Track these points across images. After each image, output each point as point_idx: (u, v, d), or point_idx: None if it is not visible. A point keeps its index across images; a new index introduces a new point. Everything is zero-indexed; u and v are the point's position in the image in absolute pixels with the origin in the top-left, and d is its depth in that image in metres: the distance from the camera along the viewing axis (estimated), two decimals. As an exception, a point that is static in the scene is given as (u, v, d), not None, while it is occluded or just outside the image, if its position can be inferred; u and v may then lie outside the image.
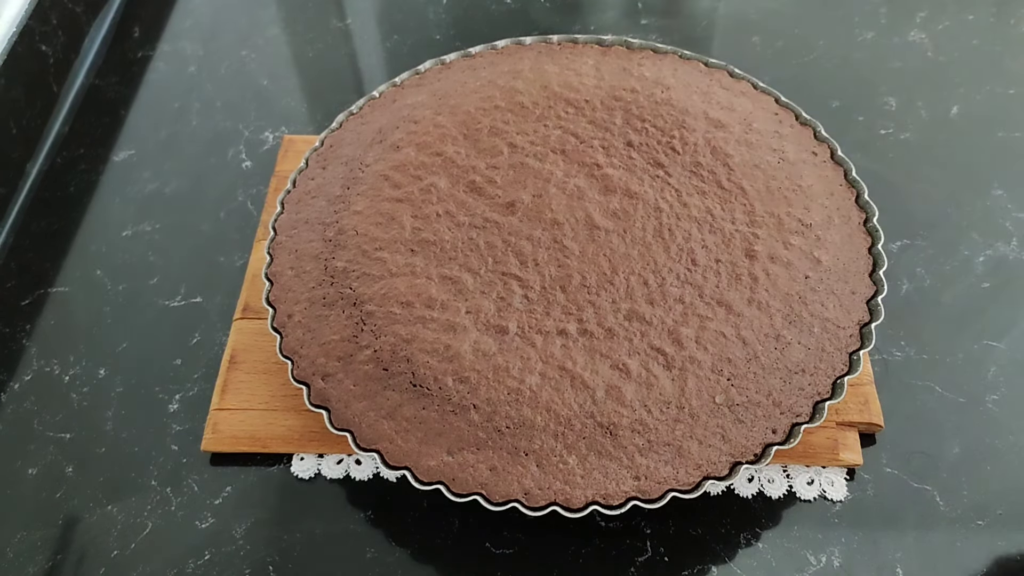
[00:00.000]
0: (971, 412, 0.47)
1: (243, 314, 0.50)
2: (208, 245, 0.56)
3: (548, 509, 0.40)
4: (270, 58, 0.69)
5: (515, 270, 0.45)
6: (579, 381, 0.41)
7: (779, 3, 0.72)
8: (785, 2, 0.72)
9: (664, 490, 0.40)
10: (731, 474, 0.41)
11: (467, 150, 0.51)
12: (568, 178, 0.49)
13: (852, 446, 0.45)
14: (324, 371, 0.44)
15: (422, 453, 0.41)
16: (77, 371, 0.50)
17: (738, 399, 0.42)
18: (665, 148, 0.50)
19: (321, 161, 0.53)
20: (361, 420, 0.42)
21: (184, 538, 0.44)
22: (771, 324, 0.43)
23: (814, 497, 0.44)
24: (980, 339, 0.50)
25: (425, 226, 0.47)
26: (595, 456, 0.40)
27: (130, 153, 0.62)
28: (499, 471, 0.40)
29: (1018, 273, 0.53)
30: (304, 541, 0.43)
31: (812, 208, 0.48)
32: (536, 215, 0.48)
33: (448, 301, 0.44)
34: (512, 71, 0.55)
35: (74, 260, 0.56)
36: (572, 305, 0.44)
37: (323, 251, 0.48)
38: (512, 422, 0.41)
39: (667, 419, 0.41)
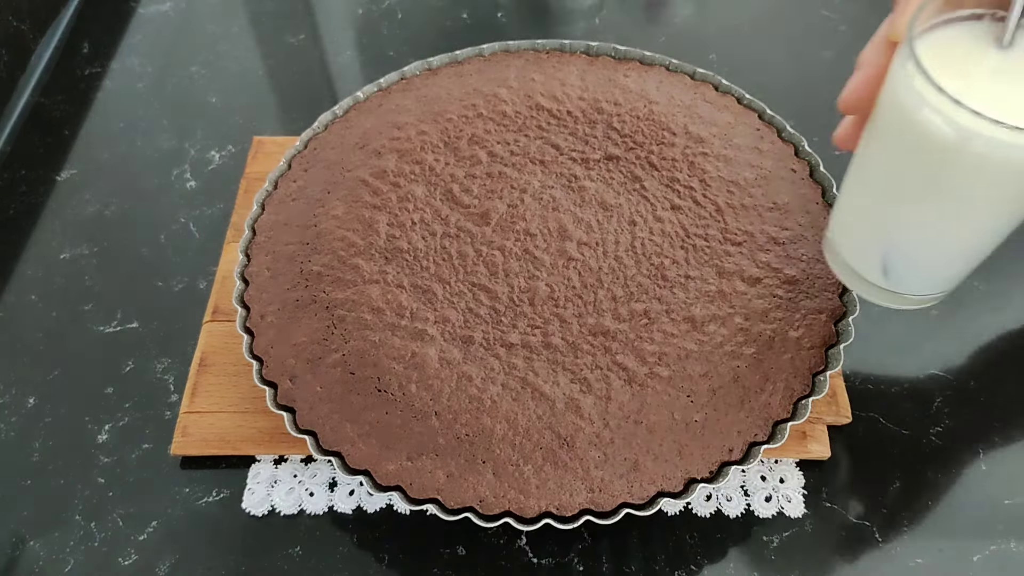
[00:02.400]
0: (914, 445, 0.46)
1: (213, 317, 0.50)
2: (147, 269, 0.55)
3: (501, 520, 0.40)
4: (220, 75, 0.68)
5: (485, 281, 0.46)
6: (539, 393, 0.42)
7: (738, 20, 0.71)
8: (744, 19, 0.71)
9: (617, 503, 0.40)
10: (686, 491, 0.41)
11: (447, 158, 0.51)
12: (545, 189, 0.50)
13: (820, 438, 0.45)
14: (292, 372, 0.44)
15: (382, 457, 0.41)
16: (6, 400, 0.49)
17: (697, 416, 0.42)
18: (643, 163, 0.51)
19: (304, 164, 0.53)
20: (325, 422, 0.42)
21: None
22: (735, 342, 0.44)
23: (772, 515, 0.44)
24: (927, 368, 0.49)
25: (400, 234, 0.48)
26: (551, 467, 0.41)
27: (72, 173, 0.61)
28: (456, 477, 0.41)
29: (968, 301, 0.52)
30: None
31: (787, 225, 0.48)
32: (510, 225, 0.48)
33: (417, 310, 0.45)
34: (498, 79, 0.55)
35: (11, 285, 0.55)
36: (539, 318, 0.45)
37: (299, 254, 0.48)
38: (471, 430, 0.41)
39: (624, 433, 0.41)
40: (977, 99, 0.31)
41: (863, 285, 0.41)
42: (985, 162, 0.31)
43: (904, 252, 0.38)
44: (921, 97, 0.31)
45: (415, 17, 0.72)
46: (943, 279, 0.40)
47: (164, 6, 0.74)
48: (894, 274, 0.39)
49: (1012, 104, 0.32)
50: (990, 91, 0.32)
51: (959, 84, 0.31)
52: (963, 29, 0.34)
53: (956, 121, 0.30)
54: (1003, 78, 0.33)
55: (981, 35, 0.33)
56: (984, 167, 0.32)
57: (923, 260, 0.39)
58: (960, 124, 0.30)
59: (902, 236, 0.38)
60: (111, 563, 0.43)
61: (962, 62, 0.33)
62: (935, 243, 0.37)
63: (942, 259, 0.39)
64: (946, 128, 0.31)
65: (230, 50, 0.70)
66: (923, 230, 0.37)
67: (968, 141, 0.31)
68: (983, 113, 0.29)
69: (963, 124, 0.30)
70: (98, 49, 0.70)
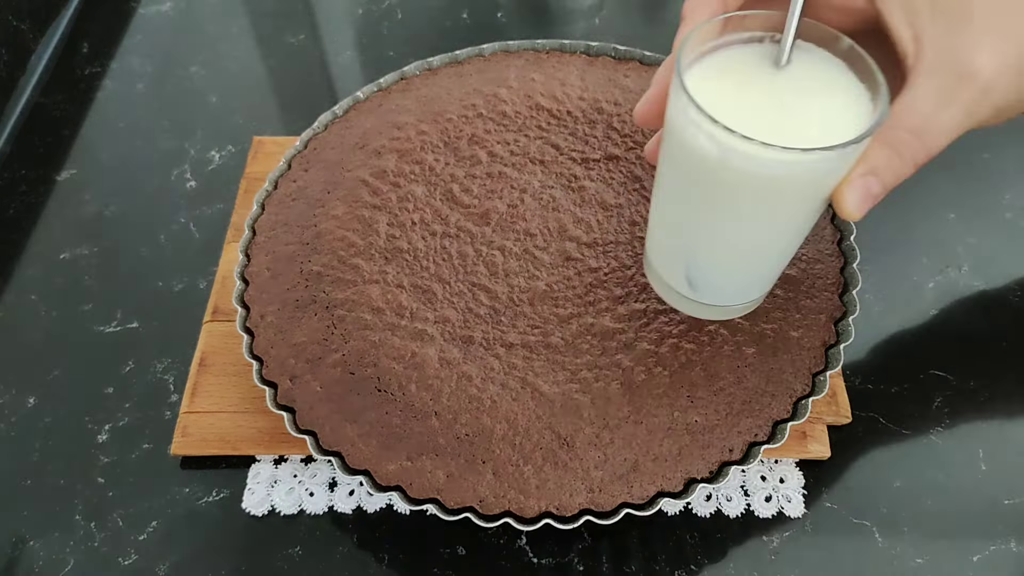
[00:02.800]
0: (914, 444, 0.46)
1: (213, 317, 0.50)
2: (147, 269, 0.55)
3: (501, 520, 0.40)
4: (220, 75, 0.68)
5: (485, 280, 0.46)
6: (539, 393, 0.42)
7: (738, 20, 0.71)
8: (744, 19, 0.71)
9: (617, 503, 0.40)
10: (686, 491, 0.41)
11: (447, 158, 0.52)
12: (545, 189, 0.50)
13: (820, 438, 0.45)
14: (292, 372, 0.44)
15: (382, 457, 0.41)
16: (6, 400, 0.49)
17: (697, 416, 0.42)
18: (643, 163, 0.51)
19: (304, 164, 0.53)
20: (325, 423, 0.42)
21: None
22: (735, 342, 0.44)
23: (772, 515, 0.44)
24: (926, 368, 0.49)
25: (400, 234, 0.48)
26: (551, 467, 0.41)
27: (72, 173, 0.61)
28: (455, 477, 0.41)
29: (968, 300, 0.52)
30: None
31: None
32: (510, 225, 0.48)
33: (417, 310, 0.45)
34: (498, 79, 0.55)
35: (10, 285, 0.55)
36: (538, 317, 0.45)
37: (299, 254, 0.48)
38: (471, 430, 0.41)
39: (624, 433, 0.41)
40: (751, 117, 0.33)
41: (677, 298, 0.43)
42: (745, 176, 0.33)
43: (701, 264, 0.40)
44: (687, 115, 0.33)
45: (415, 17, 0.72)
46: (746, 287, 0.42)
47: (164, 6, 0.74)
48: (698, 285, 0.41)
49: (781, 121, 0.33)
50: (765, 108, 0.34)
51: (736, 103, 0.34)
52: (746, 50, 0.36)
53: (715, 138, 0.32)
54: (776, 96, 0.34)
55: (762, 56, 0.35)
56: (745, 181, 0.33)
57: (720, 271, 0.40)
58: (719, 141, 0.32)
59: (697, 249, 0.39)
60: (111, 563, 0.43)
61: (741, 81, 0.35)
62: (726, 254, 0.39)
63: (737, 269, 0.40)
64: (708, 145, 0.33)
65: (230, 50, 0.70)
66: (712, 242, 0.38)
67: (727, 157, 0.32)
68: (736, 130, 0.31)
69: (721, 141, 0.32)
70: (98, 49, 0.70)
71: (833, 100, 0.34)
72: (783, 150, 0.31)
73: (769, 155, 0.31)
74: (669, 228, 0.40)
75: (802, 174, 0.33)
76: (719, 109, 0.32)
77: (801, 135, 0.33)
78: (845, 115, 0.34)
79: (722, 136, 0.32)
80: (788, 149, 0.31)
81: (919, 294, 0.52)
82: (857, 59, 0.34)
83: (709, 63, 0.35)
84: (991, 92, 0.34)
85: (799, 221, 0.37)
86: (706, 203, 0.36)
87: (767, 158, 0.31)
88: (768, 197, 0.34)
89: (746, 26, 0.35)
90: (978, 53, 0.34)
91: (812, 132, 0.33)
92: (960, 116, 0.34)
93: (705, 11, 0.36)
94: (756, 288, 0.42)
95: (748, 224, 0.36)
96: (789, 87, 0.35)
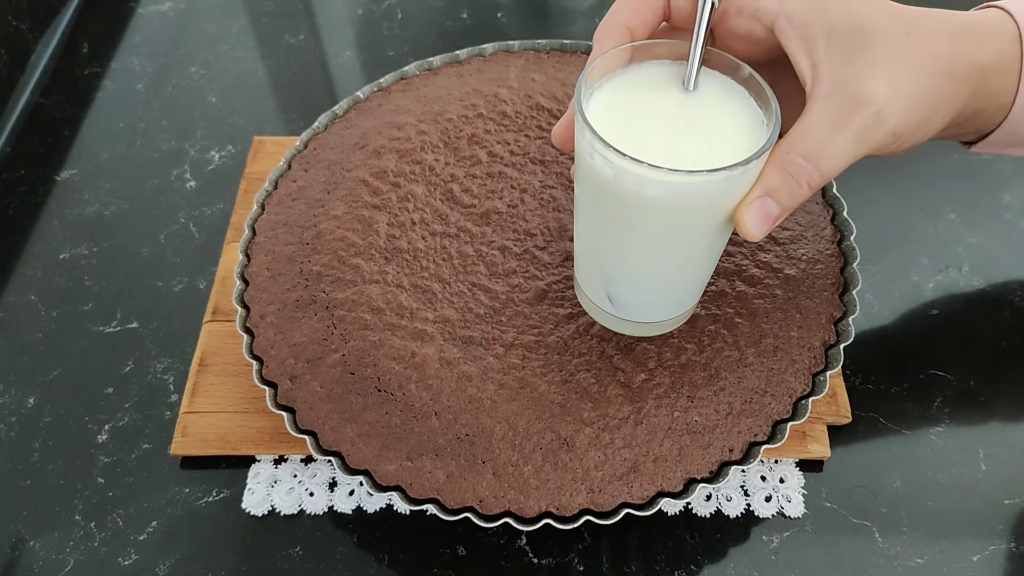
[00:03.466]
0: (914, 444, 0.46)
1: (213, 317, 0.50)
2: (147, 269, 0.55)
3: (501, 520, 0.40)
4: (220, 75, 0.68)
5: (484, 280, 0.46)
6: (539, 392, 0.42)
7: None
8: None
9: (617, 503, 0.40)
10: (686, 491, 0.41)
11: (447, 158, 0.52)
12: (545, 188, 0.50)
13: (820, 438, 0.45)
14: (292, 372, 0.44)
15: (382, 457, 0.41)
16: (6, 400, 0.49)
17: (696, 417, 0.42)
18: None
19: (304, 164, 0.53)
20: (325, 423, 0.42)
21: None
22: (735, 342, 0.44)
23: (772, 515, 0.44)
24: (927, 368, 0.49)
25: (400, 234, 0.48)
26: (551, 467, 0.41)
27: (72, 174, 0.61)
28: (455, 477, 0.40)
29: (968, 300, 0.52)
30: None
31: (786, 225, 0.48)
32: (510, 225, 0.48)
33: (417, 310, 0.45)
34: (498, 79, 0.56)
35: (10, 285, 0.55)
36: (538, 317, 0.45)
37: (299, 254, 0.48)
38: (471, 430, 0.41)
39: (624, 434, 0.41)
40: (650, 140, 0.34)
41: (604, 316, 0.43)
42: (640, 198, 0.34)
43: (618, 282, 0.40)
44: (585, 138, 0.34)
45: (415, 17, 0.72)
46: (665, 304, 0.42)
47: (164, 6, 0.74)
48: (619, 303, 0.41)
49: (679, 144, 0.34)
50: (664, 132, 0.35)
51: (636, 126, 0.35)
52: (656, 71, 0.37)
53: (609, 159, 0.33)
54: (681, 118, 0.35)
55: (672, 78, 0.36)
56: (641, 203, 0.34)
57: (635, 288, 0.41)
58: (613, 163, 0.33)
59: (613, 268, 0.40)
60: (111, 563, 0.43)
61: (645, 103, 0.36)
62: (637, 273, 0.40)
63: (650, 288, 0.41)
64: (604, 167, 0.34)
65: (230, 50, 0.70)
66: (622, 262, 0.39)
67: (621, 179, 0.33)
68: (626, 153, 0.32)
69: (614, 163, 0.33)
70: (98, 49, 0.70)
71: (731, 124, 0.35)
72: (671, 172, 0.32)
73: (659, 177, 0.32)
74: (587, 247, 0.41)
75: (693, 195, 0.33)
76: (618, 131, 0.33)
77: (697, 157, 0.34)
78: (740, 138, 0.34)
79: (614, 158, 0.32)
80: (675, 171, 0.32)
81: (919, 294, 0.52)
82: (756, 86, 0.35)
83: (617, 83, 0.36)
84: (884, 118, 0.35)
85: (701, 241, 0.37)
86: (613, 224, 0.37)
87: (657, 180, 0.32)
88: (665, 217, 0.35)
89: (655, 54, 0.37)
90: (871, 81, 0.35)
91: (707, 154, 0.34)
92: (851, 141, 0.35)
93: (612, 39, 0.37)
94: (676, 306, 0.42)
95: (652, 244, 0.37)
96: (691, 110, 0.36)
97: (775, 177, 0.35)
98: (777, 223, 0.36)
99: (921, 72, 0.36)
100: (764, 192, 0.35)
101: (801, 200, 0.35)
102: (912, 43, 0.36)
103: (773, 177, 0.35)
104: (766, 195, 0.35)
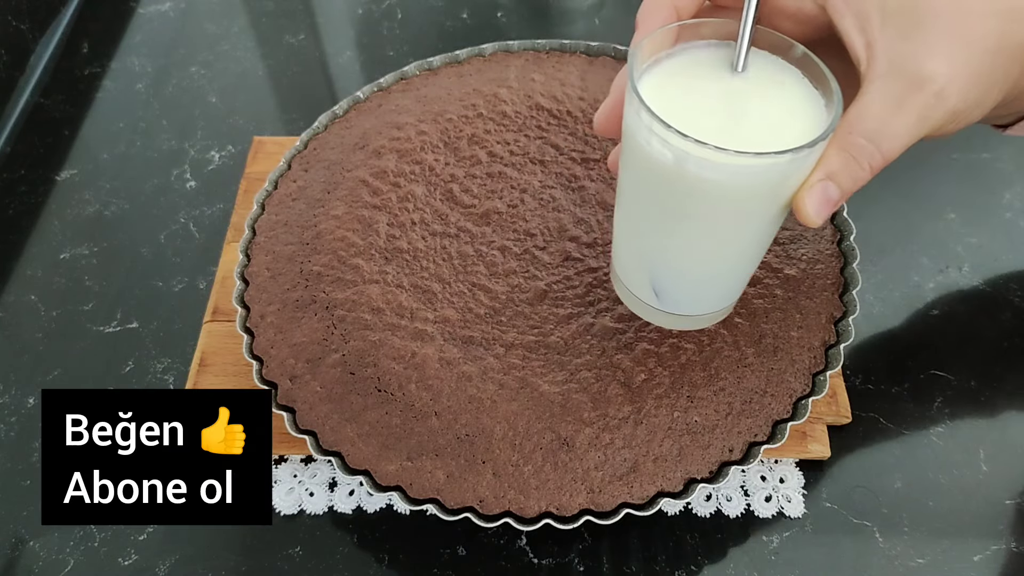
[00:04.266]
0: (914, 444, 0.46)
1: (213, 317, 0.50)
2: (147, 269, 0.55)
3: (501, 520, 0.40)
4: (220, 75, 0.68)
5: (484, 280, 0.46)
6: (539, 393, 0.42)
7: (738, 20, 0.71)
8: (744, 19, 0.71)
9: (617, 503, 0.40)
10: (686, 491, 0.41)
11: (447, 158, 0.52)
12: (545, 188, 0.50)
13: (820, 438, 0.45)
14: (292, 372, 0.44)
15: (382, 457, 0.41)
16: (6, 400, 0.49)
17: (696, 417, 0.42)
18: None
19: (304, 164, 0.53)
20: (325, 423, 0.42)
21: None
22: (735, 342, 0.44)
23: (772, 515, 0.44)
24: (927, 368, 0.49)
25: (400, 234, 0.48)
26: (551, 467, 0.41)
27: (72, 173, 0.61)
28: (456, 477, 0.40)
29: (968, 300, 0.52)
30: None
31: (786, 225, 0.48)
32: (510, 225, 0.48)
33: (417, 310, 0.45)
34: (498, 79, 0.56)
35: (11, 285, 0.55)
36: (538, 317, 0.45)
37: (299, 253, 0.48)
38: (471, 430, 0.41)
39: (624, 434, 0.41)
40: (705, 122, 0.33)
41: (645, 309, 0.42)
42: (700, 182, 0.33)
43: (665, 273, 0.39)
44: (641, 121, 0.33)
45: (415, 17, 0.72)
46: (712, 296, 0.41)
47: (164, 6, 0.74)
48: (664, 295, 0.40)
49: (735, 126, 0.33)
50: (719, 114, 0.34)
51: (690, 108, 0.33)
52: (701, 55, 0.35)
53: (670, 143, 0.32)
54: (731, 102, 0.34)
55: (718, 61, 0.35)
56: (700, 187, 0.33)
57: (684, 280, 0.40)
58: (674, 146, 0.32)
59: (660, 258, 0.39)
60: (111, 563, 0.43)
61: (696, 87, 0.35)
62: (689, 263, 0.39)
63: (701, 278, 0.40)
64: (663, 151, 0.32)
65: (230, 50, 0.70)
66: (674, 251, 0.38)
67: (683, 163, 0.32)
68: (689, 135, 0.31)
69: (677, 146, 0.32)
70: (98, 49, 0.70)
71: (787, 106, 0.34)
72: (737, 154, 0.31)
73: (723, 160, 0.31)
74: (632, 237, 0.40)
75: (757, 179, 0.33)
76: (673, 114, 0.32)
77: (755, 140, 0.32)
78: (800, 120, 0.34)
79: (676, 141, 0.31)
80: (742, 153, 0.31)
81: (919, 294, 0.52)
82: (811, 66, 0.34)
83: (664, 68, 0.35)
84: (945, 98, 0.34)
85: (758, 228, 0.36)
86: (665, 211, 0.36)
87: (721, 163, 0.31)
88: (725, 203, 0.34)
89: (701, 34, 0.35)
90: (930, 59, 0.34)
91: (766, 137, 0.33)
92: (913, 121, 0.34)
93: (657, 18, 0.36)
94: (724, 297, 0.42)
95: (707, 231, 0.36)
96: (744, 93, 0.35)
97: (836, 159, 0.34)
98: (835, 208, 0.35)
99: (975, 49, 0.34)
100: (825, 175, 0.34)
101: (861, 183, 0.34)
102: (965, 20, 0.34)
103: (834, 160, 0.34)
104: (827, 178, 0.34)
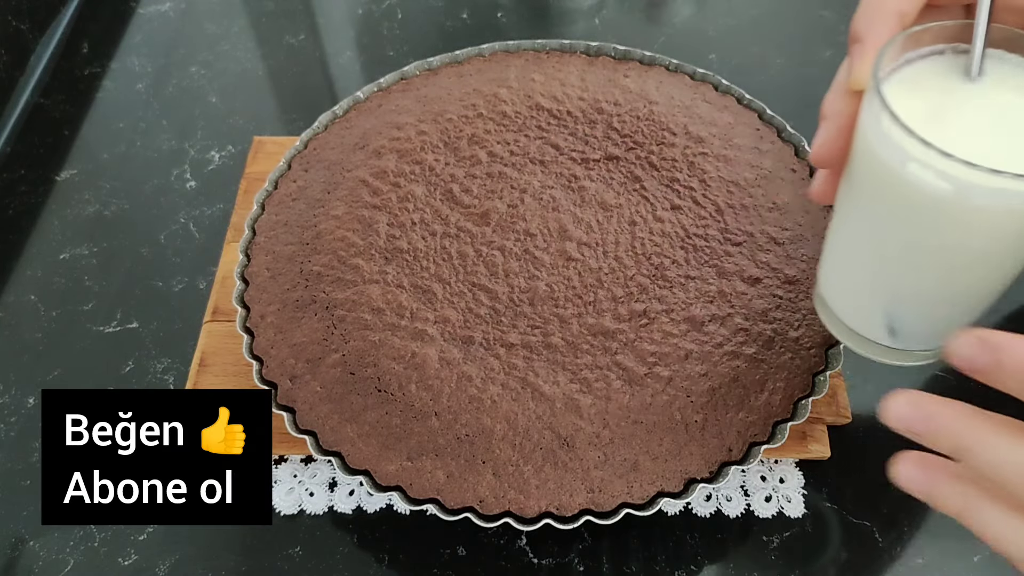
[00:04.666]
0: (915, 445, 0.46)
1: (213, 317, 0.50)
2: (147, 269, 0.55)
3: (501, 520, 0.40)
4: (220, 75, 0.68)
5: (485, 281, 0.46)
6: (539, 393, 0.42)
7: (738, 20, 0.71)
8: (744, 20, 0.71)
9: (617, 503, 0.40)
10: (686, 491, 0.41)
11: (447, 158, 0.52)
12: (544, 189, 0.50)
13: (820, 438, 0.45)
14: (292, 372, 0.44)
15: (382, 458, 0.41)
16: (6, 400, 0.49)
17: (697, 416, 0.42)
18: (643, 163, 0.51)
19: (304, 164, 0.53)
20: (325, 423, 0.42)
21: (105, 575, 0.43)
22: (735, 342, 0.44)
23: (772, 515, 0.44)
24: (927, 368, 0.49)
25: (400, 234, 0.48)
26: (551, 467, 0.40)
27: (72, 173, 0.61)
28: (456, 477, 0.40)
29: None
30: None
31: (787, 225, 0.48)
32: (510, 225, 0.48)
33: (417, 310, 0.45)
34: (498, 79, 0.56)
35: (11, 285, 0.55)
36: (538, 318, 0.45)
37: (299, 254, 0.48)
38: (471, 430, 0.41)
39: (624, 433, 0.41)
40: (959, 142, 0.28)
41: (863, 344, 0.39)
42: (986, 214, 0.29)
43: (910, 310, 0.36)
44: (903, 151, 0.29)
45: (415, 17, 0.72)
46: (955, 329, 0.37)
47: (164, 6, 0.74)
48: (902, 333, 0.37)
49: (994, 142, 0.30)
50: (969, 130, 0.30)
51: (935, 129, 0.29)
52: (924, 66, 0.32)
53: (950, 175, 0.28)
54: (979, 113, 0.31)
55: (945, 70, 0.31)
56: (986, 219, 0.29)
57: (933, 316, 0.36)
58: (955, 177, 0.28)
59: (906, 294, 0.35)
60: (111, 563, 0.43)
61: (932, 103, 0.31)
62: (942, 297, 0.35)
63: (954, 312, 0.36)
64: (940, 183, 0.28)
65: (230, 50, 0.70)
66: (928, 286, 0.34)
67: (966, 194, 0.28)
68: (979, 164, 0.27)
69: (959, 177, 0.28)
70: (98, 49, 0.70)
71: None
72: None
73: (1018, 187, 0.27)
74: (864, 274, 0.36)
75: None
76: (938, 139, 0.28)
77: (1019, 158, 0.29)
78: None
79: (960, 172, 0.27)
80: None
81: (919, 294, 0.52)
82: None
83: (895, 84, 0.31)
84: None
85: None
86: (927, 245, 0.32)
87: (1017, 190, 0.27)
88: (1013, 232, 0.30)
89: (921, 42, 0.31)
90: None
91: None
92: None
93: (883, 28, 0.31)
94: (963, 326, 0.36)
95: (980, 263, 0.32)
96: (993, 104, 0.31)
97: None
98: None
99: None
100: None
101: None
102: None
103: None
104: None
